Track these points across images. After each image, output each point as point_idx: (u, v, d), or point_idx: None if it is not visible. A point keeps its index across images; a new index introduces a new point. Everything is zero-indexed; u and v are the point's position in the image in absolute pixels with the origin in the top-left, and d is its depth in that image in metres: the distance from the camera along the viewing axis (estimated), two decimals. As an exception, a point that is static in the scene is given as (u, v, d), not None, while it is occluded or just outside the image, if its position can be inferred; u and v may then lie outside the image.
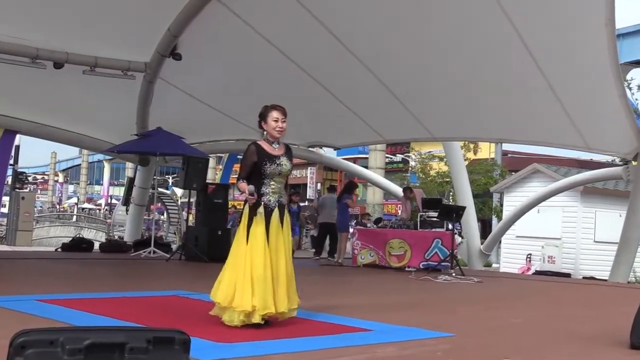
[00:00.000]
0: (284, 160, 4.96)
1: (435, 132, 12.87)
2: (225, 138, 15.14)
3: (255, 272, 4.67)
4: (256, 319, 4.60)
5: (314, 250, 15.84)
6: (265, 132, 4.99)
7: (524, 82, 9.96)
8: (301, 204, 16.59)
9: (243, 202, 4.98)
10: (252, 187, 4.80)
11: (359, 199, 13.76)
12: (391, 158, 42.01)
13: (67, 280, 8.02)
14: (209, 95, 12.38)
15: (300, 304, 4.92)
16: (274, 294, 4.67)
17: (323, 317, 5.25)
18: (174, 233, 25.94)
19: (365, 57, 10.29)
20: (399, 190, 16.92)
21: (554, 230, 17.88)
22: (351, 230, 13.32)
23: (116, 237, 19.71)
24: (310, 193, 42.89)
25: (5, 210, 28.58)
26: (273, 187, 4.91)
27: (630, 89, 22.03)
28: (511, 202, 18.71)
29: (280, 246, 4.82)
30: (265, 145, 4.96)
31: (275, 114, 4.95)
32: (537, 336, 4.97)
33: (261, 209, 4.83)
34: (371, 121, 12.89)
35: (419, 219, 12.29)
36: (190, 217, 15.53)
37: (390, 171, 37.87)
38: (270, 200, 4.88)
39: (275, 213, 4.87)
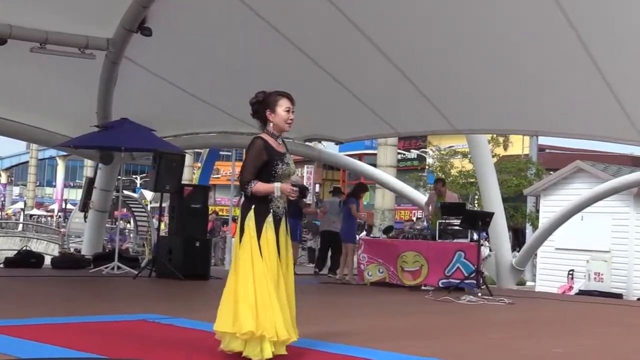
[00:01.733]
0: (289, 159, 4.97)
1: (457, 124, 12.84)
2: (205, 130, 15.10)
3: (273, 293, 4.62)
4: (266, 350, 4.47)
5: (313, 264, 15.88)
6: (270, 124, 4.95)
7: (566, 63, 9.92)
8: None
9: (242, 208, 4.88)
10: (298, 178, 4.81)
11: (364, 203, 13.76)
12: (404, 154, 42.01)
13: (11, 303, 7.99)
14: (186, 79, 12.35)
15: (297, 331, 4.86)
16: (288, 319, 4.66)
17: (323, 345, 5.24)
18: (143, 245, 25.88)
19: (374, 35, 10.25)
20: (413, 192, 16.93)
21: (602, 242, 17.85)
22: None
23: (72, 250, 19.67)
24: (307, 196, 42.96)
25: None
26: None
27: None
28: (549, 208, 18.69)
29: (290, 261, 4.87)
30: (271, 141, 4.93)
31: (286, 103, 4.97)
32: (580, 369, 4.95)
33: (270, 218, 4.80)
34: (381, 110, 12.87)
35: (437, 228, 12.26)
36: (163, 226, 15.50)
37: (404, 170, 37.84)
38: (279, 207, 4.86)
39: (283, 222, 4.89)
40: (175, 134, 14.57)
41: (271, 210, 4.80)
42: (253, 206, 4.80)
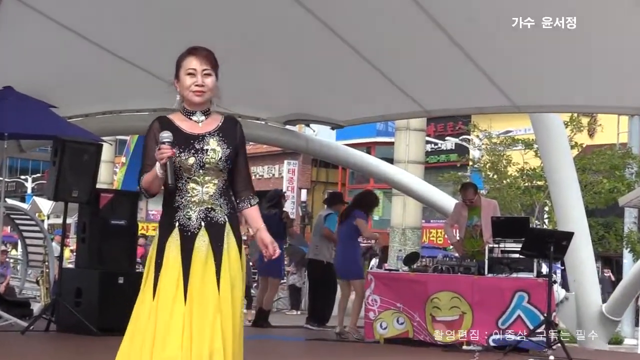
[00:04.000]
0: (212, 143, 5.01)
1: (517, 97, 12.83)
2: (134, 107, 15.04)
3: (161, 351, 4.74)
4: None
5: (297, 311, 15.88)
6: (179, 98, 5.21)
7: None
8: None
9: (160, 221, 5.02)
10: (167, 133, 4.93)
11: (375, 218, 13.81)
12: (437, 144, 41.97)
13: None
14: (105, 28, 12.32)
15: None
16: None
17: None
18: (37, 282, 25.77)
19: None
20: (449, 202, 16.88)
21: None
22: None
23: None
24: (288, 206, 42.83)
25: None
26: (194, 192, 4.95)
27: None
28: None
29: (211, 300, 4.85)
30: (179, 120, 5.11)
31: (191, 63, 5.11)
32: None
33: (175, 234, 4.90)
34: (401, 78, 12.86)
35: (486, 256, 12.28)
36: (67, 253, 15.49)
37: (435, 167, 37.89)
38: (190, 218, 4.92)
39: (202, 240, 4.91)
40: (86, 113, 14.53)
41: (176, 223, 4.90)
42: (160, 218, 5.04)
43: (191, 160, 4.93)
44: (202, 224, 4.92)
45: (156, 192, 5.00)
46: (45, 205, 36.64)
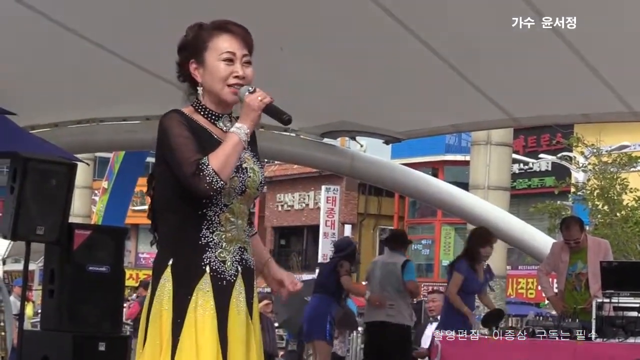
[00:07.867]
0: (248, 160, 5.01)
1: (636, 102, 12.81)
2: (119, 115, 15.13)
3: None
4: None
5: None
6: (201, 91, 5.02)
7: None
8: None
9: (154, 266, 4.92)
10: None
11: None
12: (527, 164, 41.91)
13: None
14: (77, 6, 12.42)
15: None
16: None
17: None
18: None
19: None
20: (545, 243, 16.84)
21: None
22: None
23: None
24: (326, 247, 42.86)
25: None
26: (229, 226, 4.92)
27: None
28: None
29: None
30: (203, 121, 5.01)
31: (227, 43, 4.96)
32: None
33: (206, 284, 4.83)
34: (480, 75, 12.86)
35: (594, 314, 12.25)
36: (30, 310, 15.53)
37: (525, 195, 37.88)
38: (224, 261, 4.89)
39: (239, 292, 4.91)
40: (55, 122, 14.63)
41: (207, 267, 4.83)
42: (171, 260, 4.85)
43: (235, 181, 4.89)
44: (239, 269, 4.89)
45: (229, 175, 4.76)
46: (0, 245, 36.90)
